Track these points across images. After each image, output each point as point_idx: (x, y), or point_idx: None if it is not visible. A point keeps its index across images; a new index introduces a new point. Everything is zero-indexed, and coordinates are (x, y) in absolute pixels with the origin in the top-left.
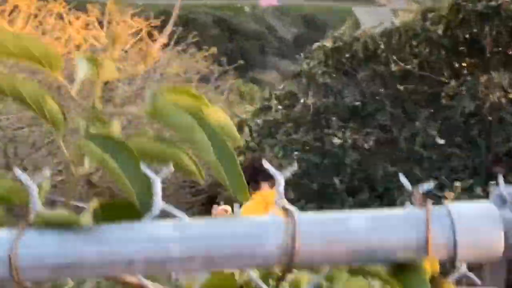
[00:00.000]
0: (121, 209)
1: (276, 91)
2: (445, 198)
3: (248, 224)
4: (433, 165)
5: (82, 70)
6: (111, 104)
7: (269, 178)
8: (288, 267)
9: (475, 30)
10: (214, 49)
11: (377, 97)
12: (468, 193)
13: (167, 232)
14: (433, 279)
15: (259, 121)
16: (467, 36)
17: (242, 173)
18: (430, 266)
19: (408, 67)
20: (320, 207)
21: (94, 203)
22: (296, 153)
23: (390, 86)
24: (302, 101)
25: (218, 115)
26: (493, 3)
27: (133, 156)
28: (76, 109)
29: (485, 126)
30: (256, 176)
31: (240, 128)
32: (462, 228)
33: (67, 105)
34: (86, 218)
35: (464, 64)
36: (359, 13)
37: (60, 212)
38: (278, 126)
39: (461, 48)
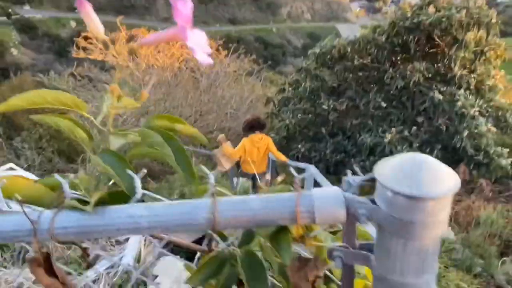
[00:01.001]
0: (118, 196)
1: (288, 79)
2: (385, 138)
3: (189, 205)
4: (379, 119)
5: (105, 105)
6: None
7: (262, 128)
8: (213, 230)
9: (405, 38)
10: (254, 56)
11: (346, 81)
12: (400, 134)
13: (139, 211)
14: (301, 237)
15: (279, 97)
16: (400, 41)
17: (194, 169)
18: (298, 229)
19: (365, 61)
20: (313, 145)
21: (98, 195)
22: (299, 115)
23: (354, 73)
24: (303, 85)
25: (188, 129)
26: (415, 21)
27: (125, 164)
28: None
29: (411, 94)
30: (253, 127)
31: (268, 101)
32: (318, 204)
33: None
34: (89, 207)
35: (398, 58)
36: (340, 28)
37: (76, 203)
38: (289, 100)
39: (396, 48)
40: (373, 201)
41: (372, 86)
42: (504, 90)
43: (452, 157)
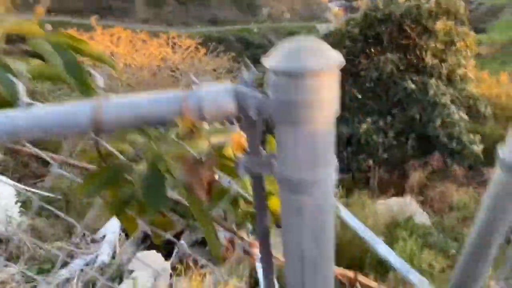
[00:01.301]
0: (4, 103)
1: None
2: (361, 129)
3: (72, 106)
4: (356, 110)
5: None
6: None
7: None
8: (98, 130)
9: (377, 30)
10: (233, 54)
11: None
12: (375, 125)
13: (19, 112)
14: (191, 135)
15: None
16: (373, 33)
17: (88, 79)
18: (187, 126)
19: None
20: None
21: None
22: None
23: None
24: None
25: (94, 48)
26: (386, 11)
27: (8, 70)
28: None
29: (385, 85)
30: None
31: None
32: (206, 99)
33: None
34: None
35: (372, 50)
36: (320, 28)
37: None
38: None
39: (370, 40)
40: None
41: (347, 78)
42: (476, 81)
43: (426, 146)
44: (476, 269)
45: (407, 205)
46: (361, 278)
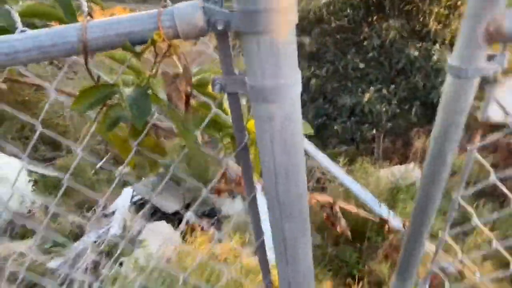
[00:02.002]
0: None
1: None
2: (364, 98)
3: (61, 27)
4: (358, 80)
5: None
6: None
7: None
8: (85, 49)
9: None
10: None
11: (326, 45)
12: (379, 93)
13: (15, 36)
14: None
15: None
16: (374, 0)
17: (74, 11)
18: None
19: (341, 23)
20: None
21: None
22: None
23: (332, 36)
24: None
25: None
26: None
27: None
28: None
29: (388, 53)
30: None
31: None
32: (179, 14)
33: None
34: None
35: (374, 18)
36: None
37: None
38: None
39: (372, 8)
40: None
41: (350, 47)
42: None
43: (430, 113)
44: (437, 173)
45: (409, 172)
46: (340, 203)
